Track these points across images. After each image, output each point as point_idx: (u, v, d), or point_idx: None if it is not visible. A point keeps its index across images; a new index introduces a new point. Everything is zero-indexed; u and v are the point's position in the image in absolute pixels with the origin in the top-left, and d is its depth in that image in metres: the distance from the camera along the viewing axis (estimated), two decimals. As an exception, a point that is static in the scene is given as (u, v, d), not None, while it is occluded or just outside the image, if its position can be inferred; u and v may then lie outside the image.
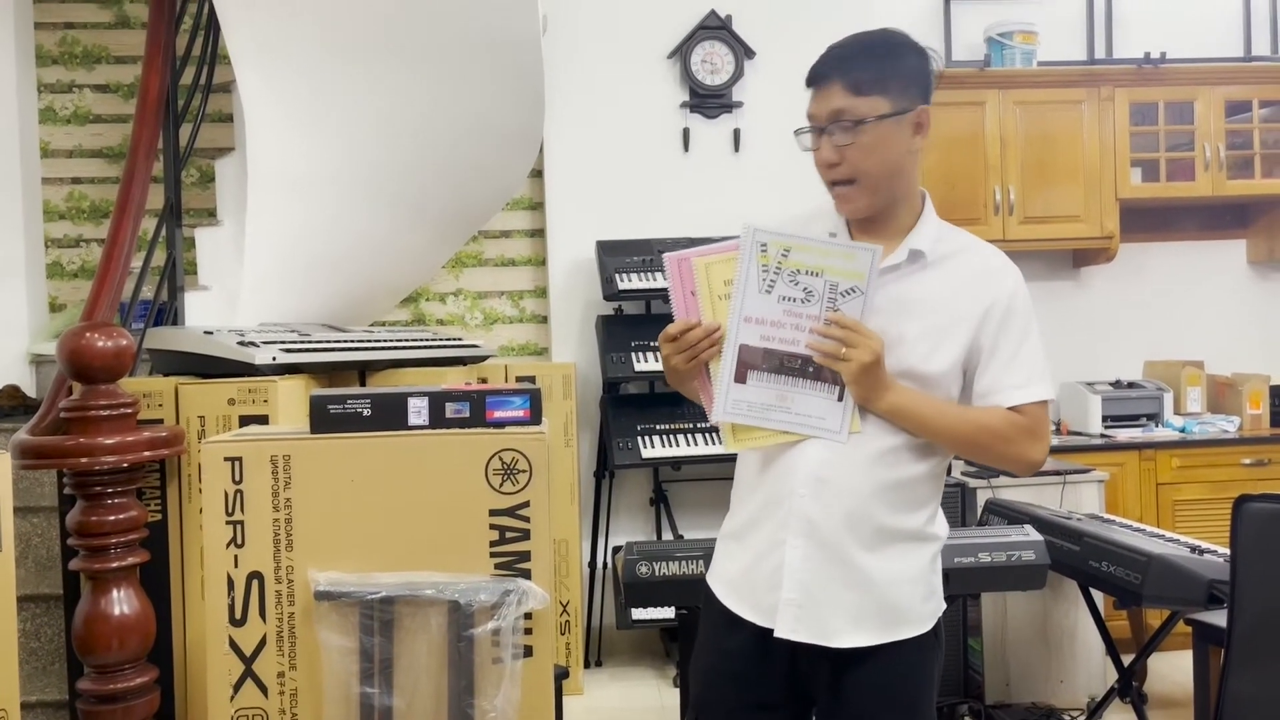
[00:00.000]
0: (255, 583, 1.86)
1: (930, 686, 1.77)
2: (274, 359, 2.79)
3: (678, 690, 3.74)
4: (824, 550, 1.69)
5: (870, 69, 1.66)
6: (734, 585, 1.80)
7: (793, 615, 1.69)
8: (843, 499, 1.68)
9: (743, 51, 4.44)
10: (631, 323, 4.21)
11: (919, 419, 1.67)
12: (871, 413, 1.66)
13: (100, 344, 2.44)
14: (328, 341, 3.15)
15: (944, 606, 1.79)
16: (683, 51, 4.44)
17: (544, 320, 4.58)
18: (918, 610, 1.73)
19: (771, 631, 1.70)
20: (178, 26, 3.47)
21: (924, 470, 1.73)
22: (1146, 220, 4.66)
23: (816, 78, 1.71)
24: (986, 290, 1.71)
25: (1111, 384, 4.51)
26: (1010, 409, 1.69)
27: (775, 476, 1.73)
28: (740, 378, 1.64)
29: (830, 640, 1.69)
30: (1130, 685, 3.02)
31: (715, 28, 4.44)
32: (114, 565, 2.45)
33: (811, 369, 1.64)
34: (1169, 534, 3.04)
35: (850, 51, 1.70)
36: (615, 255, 4.17)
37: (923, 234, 1.72)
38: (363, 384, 3.32)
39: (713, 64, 4.45)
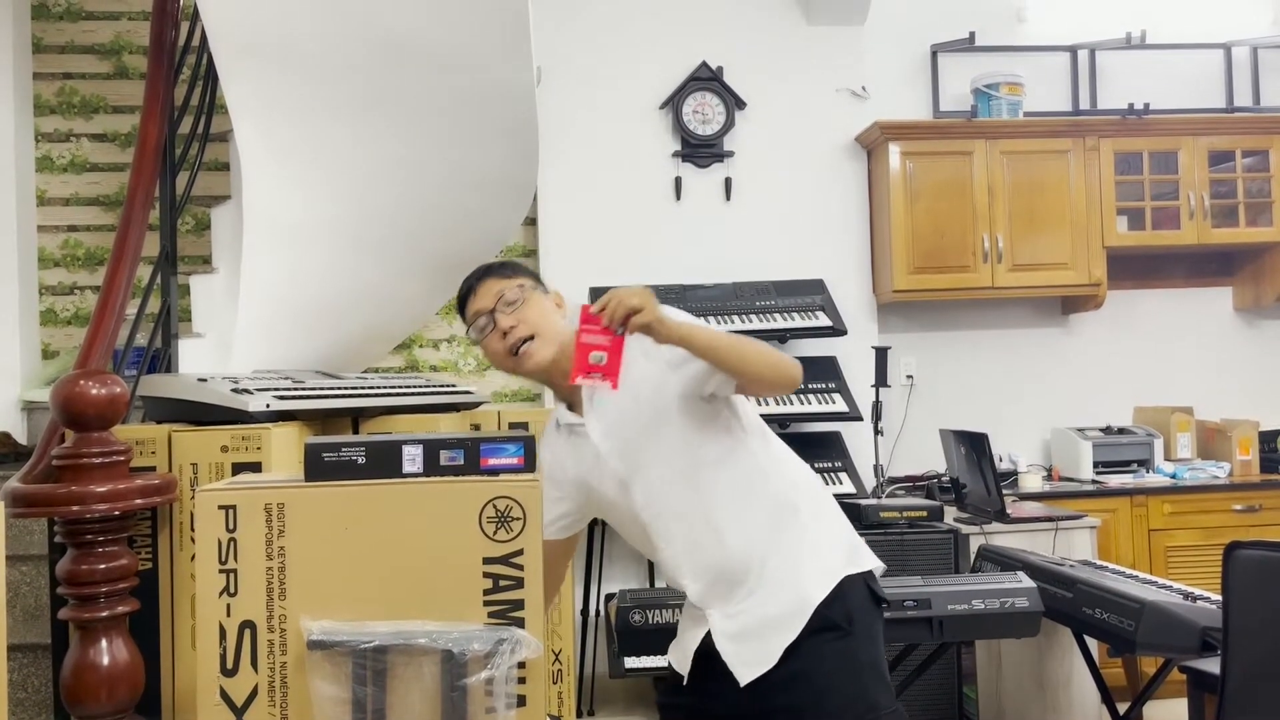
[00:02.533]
0: (248, 632, 1.84)
1: (845, 672, 1.87)
2: (267, 406, 2.79)
3: (671, 740, 3.70)
4: (726, 606, 1.96)
5: (504, 265, 2.13)
6: (679, 653, 2.13)
7: (741, 662, 1.92)
8: (710, 564, 1.95)
9: (733, 102, 4.51)
10: (624, 369, 4.22)
11: (708, 331, 1.82)
12: (669, 338, 1.78)
13: (94, 391, 2.44)
14: (321, 388, 3.16)
15: (839, 574, 1.91)
16: (675, 102, 4.51)
17: (537, 367, 4.58)
18: (798, 598, 1.88)
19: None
20: (176, 77, 3.51)
21: (745, 498, 1.92)
22: (1133, 268, 4.72)
23: (471, 289, 2.11)
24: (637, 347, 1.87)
25: (1102, 430, 4.53)
26: None
27: (669, 574, 2.05)
28: None
29: (771, 663, 1.89)
30: (1126, 734, 3.01)
31: (706, 79, 4.51)
32: (103, 614, 2.43)
33: None
34: (1161, 580, 3.05)
35: (491, 264, 2.13)
36: (608, 302, 4.18)
37: None
38: (356, 431, 3.33)
39: (704, 114, 4.51)
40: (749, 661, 1.91)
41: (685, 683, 2.03)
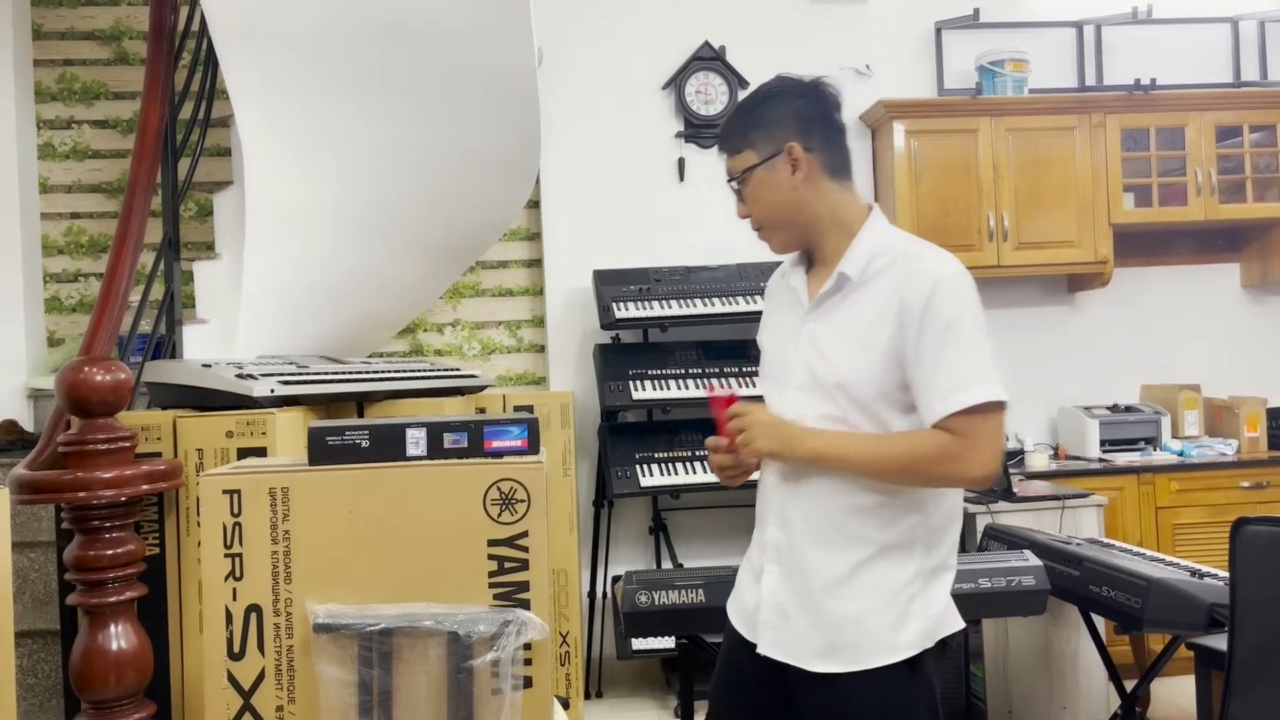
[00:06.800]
0: (254, 616, 1.85)
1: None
2: (272, 391, 2.79)
3: (679, 721, 3.71)
4: (791, 576, 1.78)
5: (735, 129, 1.83)
6: (734, 603, 1.93)
7: (771, 636, 1.79)
8: (802, 525, 1.77)
9: (736, 82, 4.48)
10: (629, 351, 4.22)
11: (840, 459, 1.70)
12: (796, 461, 1.74)
13: (98, 378, 2.44)
14: (325, 373, 3.16)
15: (935, 638, 1.75)
16: (677, 82, 4.48)
17: (541, 350, 4.59)
18: (884, 639, 1.71)
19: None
20: (176, 62, 3.50)
21: (886, 494, 1.73)
22: (1140, 245, 4.69)
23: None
24: (901, 291, 1.70)
25: (1109, 408, 4.52)
26: (937, 425, 1.66)
27: (760, 505, 1.88)
28: None
29: (804, 662, 1.74)
30: (1133, 711, 3.01)
31: (709, 59, 4.49)
32: (111, 600, 2.43)
33: None
34: (1169, 558, 3.04)
35: (727, 120, 1.88)
36: (612, 284, 4.18)
37: (852, 257, 1.76)
38: (360, 415, 3.32)
39: (707, 94, 4.49)
40: (781, 645, 1.77)
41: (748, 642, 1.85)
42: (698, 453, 4.05)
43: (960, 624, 1.79)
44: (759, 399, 1.86)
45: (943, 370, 1.66)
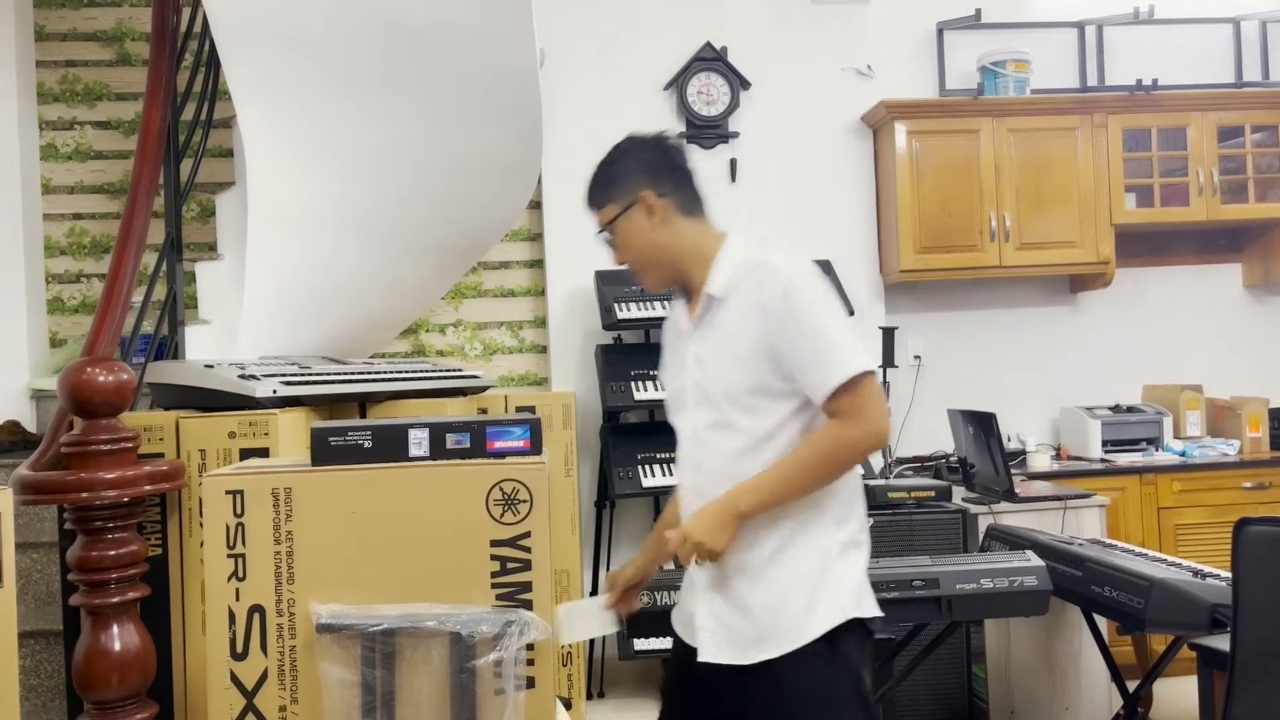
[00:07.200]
0: (256, 616, 1.86)
1: (824, 701, 1.80)
2: (274, 391, 2.79)
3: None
4: (716, 579, 1.88)
5: (596, 187, 2.08)
6: (676, 612, 2.06)
7: (708, 640, 1.88)
8: None
9: (738, 82, 4.48)
10: (631, 352, 4.22)
11: (770, 498, 1.81)
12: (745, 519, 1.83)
13: (101, 378, 2.45)
14: (328, 374, 3.16)
15: (850, 613, 1.83)
16: (679, 83, 4.48)
17: (543, 350, 4.59)
18: (802, 619, 1.81)
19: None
20: (178, 63, 3.50)
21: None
22: (1142, 245, 4.69)
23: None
24: (759, 295, 1.86)
25: (1111, 408, 4.52)
26: (826, 405, 1.79)
27: (684, 517, 1.95)
28: None
29: (740, 658, 1.84)
30: (1135, 711, 3.01)
31: (711, 59, 4.49)
32: (114, 600, 2.44)
33: None
34: (1171, 558, 3.04)
35: (590, 180, 2.09)
36: (614, 285, 4.19)
37: (714, 280, 1.93)
38: (363, 415, 3.33)
39: (709, 95, 4.49)
40: (720, 648, 1.87)
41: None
42: (699, 453, 4.05)
43: (877, 610, 1.88)
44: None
45: (818, 354, 1.80)
